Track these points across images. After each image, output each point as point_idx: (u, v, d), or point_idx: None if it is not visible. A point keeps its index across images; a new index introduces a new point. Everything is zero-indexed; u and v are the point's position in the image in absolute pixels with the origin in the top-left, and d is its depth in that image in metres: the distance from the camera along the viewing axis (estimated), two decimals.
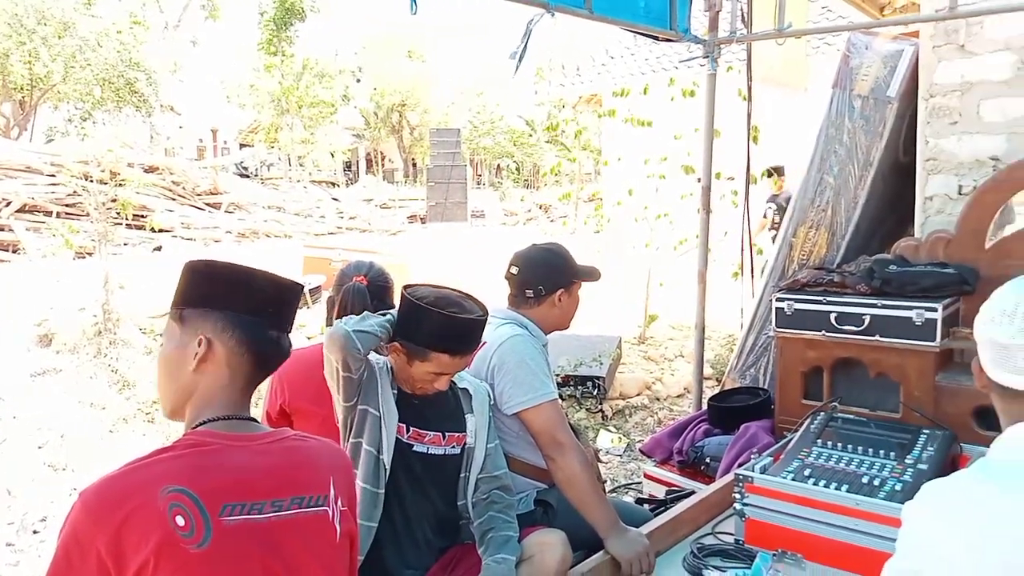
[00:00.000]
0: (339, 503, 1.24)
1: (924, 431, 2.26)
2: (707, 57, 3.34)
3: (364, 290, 2.08)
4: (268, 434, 1.22)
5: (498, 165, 30.58)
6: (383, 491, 1.76)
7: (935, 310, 2.51)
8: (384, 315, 1.79)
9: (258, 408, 2.22)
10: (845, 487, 2.02)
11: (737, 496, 2.11)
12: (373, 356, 1.81)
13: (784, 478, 2.10)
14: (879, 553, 1.87)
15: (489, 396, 2.01)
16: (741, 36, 3.28)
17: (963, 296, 2.66)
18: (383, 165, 29.91)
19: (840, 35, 7.79)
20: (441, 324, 1.73)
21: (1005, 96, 2.80)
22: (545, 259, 2.22)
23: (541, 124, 23.26)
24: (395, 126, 28.34)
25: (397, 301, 1.88)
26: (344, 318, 1.77)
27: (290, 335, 1.27)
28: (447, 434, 1.86)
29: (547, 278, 2.19)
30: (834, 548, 1.96)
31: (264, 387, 2.11)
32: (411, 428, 1.81)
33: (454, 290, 1.85)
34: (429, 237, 14.47)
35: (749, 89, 3.69)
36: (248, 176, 20.78)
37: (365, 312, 1.80)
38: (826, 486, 2.03)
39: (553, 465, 2.00)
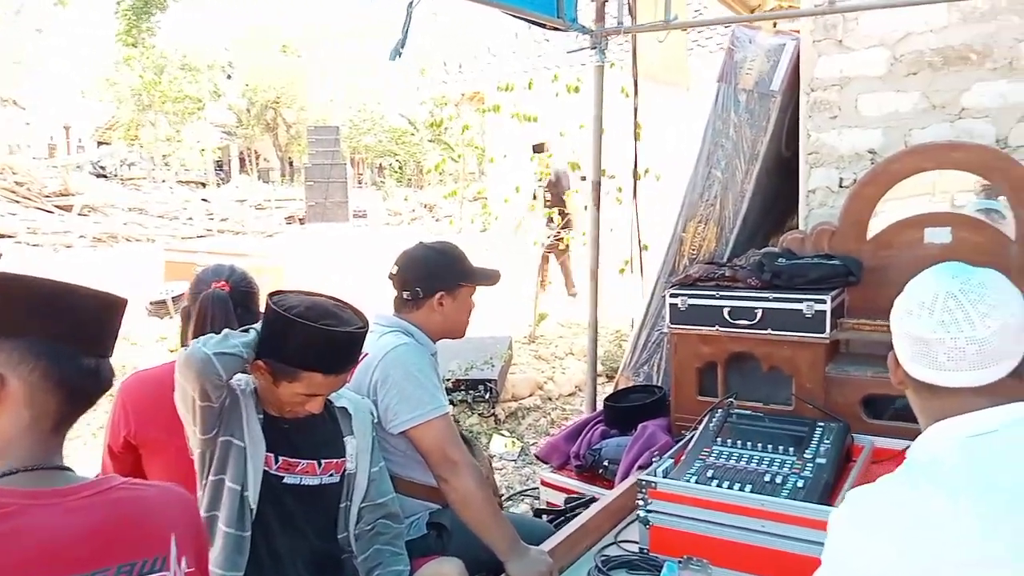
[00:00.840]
0: (183, 564, 1.01)
1: (819, 424, 2.27)
2: (594, 48, 3.27)
3: (226, 297, 1.81)
4: (86, 486, 0.97)
5: (380, 164, 29.97)
6: (249, 534, 1.53)
7: (824, 302, 2.53)
8: (247, 331, 1.54)
9: (97, 440, 1.91)
10: (748, 487, 1.98)
11: (641, 503, 2.03)
12: (236, 376, 1.56)
13: (688, 481, 2.05)
14: (784, 554, 1.85)
15: (372, 414, 1.80)
16: (628, 27, 3.22)
17: (848, 287, 2.71)
18: (258, 164, 28.56)
19: (714, 36, 8.09)
20: (312, 339, 1.50)
21: (880, 91, 2.88)
22: (425, 258, 2.03)
23: (423, 123, 23.01)
24: (270, 123, 27.14)
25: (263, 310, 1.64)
26: (202, 338, 1.51)
27: (110, 359, 1.02)
28: (323, 461, 1.63)
29: (424, 279, 1.99)
30: (739, 551, 1.92)
31: (99, 414, 1.80)
32: (280, 457, 1.58)
33: (329, 298, 1.62)
34: (308, 238, 13.89)
35: (635, 83, 3.64)
36: (106, 176, 19.25)
37: (226, 330, 1.55)
38: (730, 487, 1.99)
39: (446, 486, 1.84)
